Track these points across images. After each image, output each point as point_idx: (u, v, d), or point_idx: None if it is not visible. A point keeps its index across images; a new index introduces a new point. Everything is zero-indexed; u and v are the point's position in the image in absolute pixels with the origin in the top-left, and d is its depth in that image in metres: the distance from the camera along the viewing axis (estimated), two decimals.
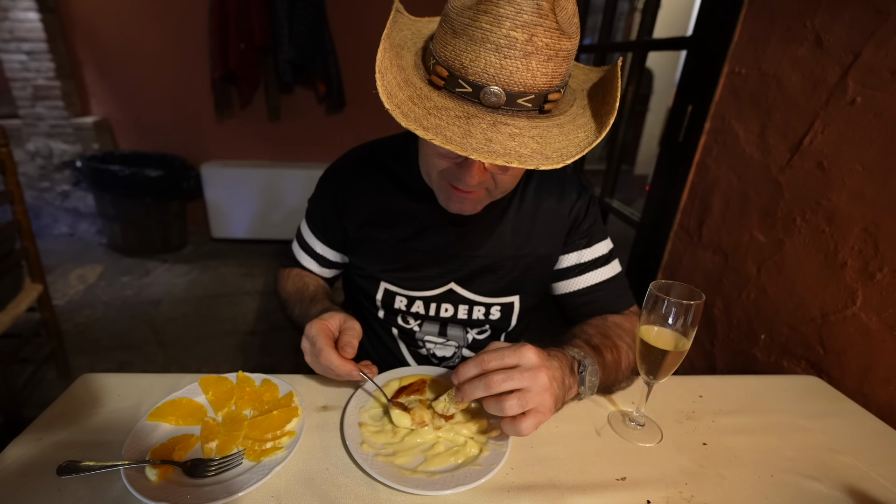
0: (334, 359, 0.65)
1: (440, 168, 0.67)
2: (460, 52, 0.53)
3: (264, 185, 3.28)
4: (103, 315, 2.50)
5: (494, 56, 0.51)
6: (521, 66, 0.51)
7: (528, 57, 0.51)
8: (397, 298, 0.87)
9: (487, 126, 0.53)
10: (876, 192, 0.88)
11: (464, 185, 0.65)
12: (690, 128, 1.38)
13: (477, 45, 0.51)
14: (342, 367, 0.65)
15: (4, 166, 1.52)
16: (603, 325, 0.80)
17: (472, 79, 0.53)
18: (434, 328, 0.90)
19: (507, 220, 0.83)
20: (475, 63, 0.52)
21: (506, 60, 0.51)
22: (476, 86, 0.53)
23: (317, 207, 0.89)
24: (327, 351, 0.65)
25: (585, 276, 0.86)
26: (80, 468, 0.55)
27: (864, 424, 0.78)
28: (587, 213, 0.86)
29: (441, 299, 0.86)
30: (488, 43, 0.50)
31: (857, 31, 0.92)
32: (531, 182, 0.84)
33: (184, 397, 0.70)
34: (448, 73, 0.54)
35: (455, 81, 0.54)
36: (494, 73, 0.52)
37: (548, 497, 0.59)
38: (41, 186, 3.30)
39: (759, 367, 1.13)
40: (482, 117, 0.53)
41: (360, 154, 0.87)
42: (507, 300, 0.88)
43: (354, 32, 3.11)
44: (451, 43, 0.53)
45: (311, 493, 0.57)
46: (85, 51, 3.12)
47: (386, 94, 0.52)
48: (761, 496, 0.61)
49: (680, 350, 0.63)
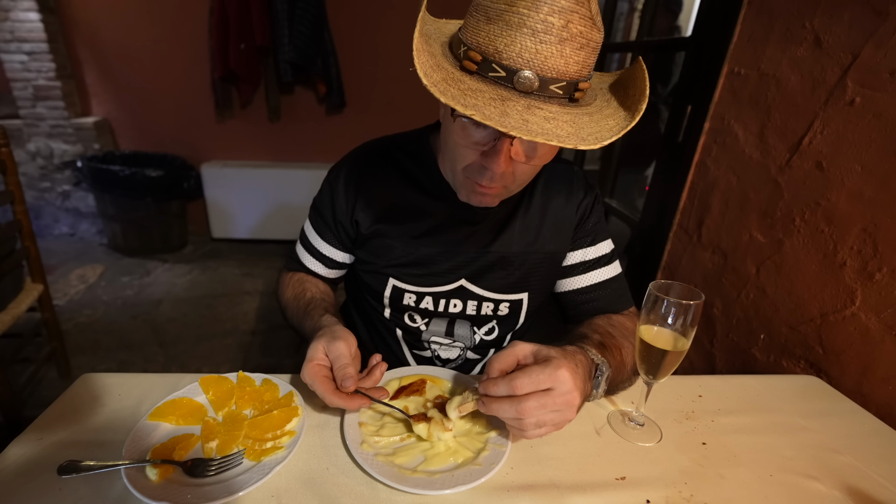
0: (338, 402, 0.63)
1: (466, 162, 0.67)
2: (495, 38, 0.53)
3: (264, 186, 3.28)
4: (104, 315, 2.51)
5: (530, 40, 0.51)
6: (556, 51, 0.52)
7: (563, 43, 0.52)
8: (406, 295, 0.87)
9: (522, 109, 0.53)
10: (875, 193, 0.88)
11: (488, 176, 0.64)
12: (690, 128, 1.38)
13: (513, 29, 0.52)
14: (350, 404, 0.64)
15: (5, 166, 1.52)
16: (609, 325, 0.80)
17: (506, 63, 0.53)
18: (441, 327, 0.90)
19: (518, 217, 0.84)
20: (510, 47, 0.52)
21: (541, 45, 0.52)
22: (510, 70, 0.53)
23: (325, 203, 0.88)
24: (329, 397, 0.63)
25: (589, 274, 0.87)
26: (81, 468, 0.55)
27: (863, 424, 0.78)
28: (592, 211, 0.87)
29: (451, 295, 0.86)
30: (525, 27, 0.51)
31: (856, 31, 0.92)
32: (540, 180, 0.84)
33: (184, 397, 0.70)
34: (482, 57, 0.54)
35: (489, 66, 0.54)
36: (529, 57, 0.52)
37: (548, 497, 0.59)
38: (42, 186, 3.30)
39: (759, 367, 1.14)
40: (516, 101, 0.53)
41: (373, 149, 0.86)
42: (516, 297, 0.88)
43: (354, 32, 3.11)
44: (484, 29, 0.54)
45: (312, 493, 0.58)
46: (85, 51, 3.13)
47: (423, 73, 0.52)
48: (761, 496, 0.61)
49: (679, 350, 0.63)
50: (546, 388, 0.56)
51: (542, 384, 0.56)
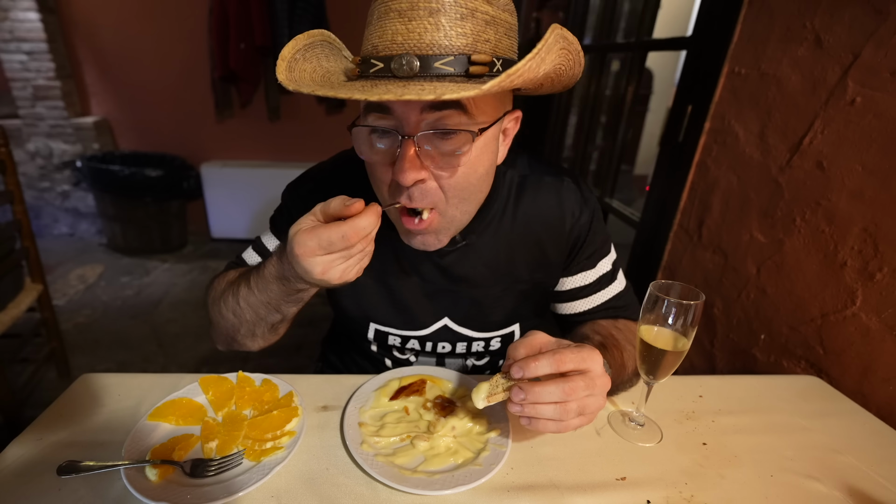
0: (357, 218, 0.51)
1: (385, 182, 0.59)
2: (370, 35, 0.52)
3: (264, 185, 3.28)
4: (103, 315, 2.50)
5: (399, 22, 0.49)
6: (430, 25, 0.48)
7: (435, 14, 0.48)
8: (390, 337, 0.82)
9: (401, 87, 0.48)
10: (876, 192, 0.88)
11: (404, 196, 0.57)
12: (690, 128, 1.38)
13: (382, 19, 0.50)
14: (370, 212, 0.52)
15: (4, 166, 1.52)
16: (613, 327, 0.78)
17: (383, 54, 0.51)
18: (431, 360, 0.86)
19: (498, 246, 0.74)
20: (383, 38, 0.50)
21: (411, 23, 0.49)
22: (387, 59, 0.50)
23: (282, 223, 0.78)
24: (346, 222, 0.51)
25: (592, 297, 0.80)
26: (80, 468, 0.55)
27: (863, 424, 0.78)
28: (590, 231, 0.77)
29: (436, 337, 0.80)
30: (391, 12, 0.49)
31: (856, 31, 0.92)
32: (523, 199, 0.74)
33: (184, 397, 0.70)
34: (360, 58, 0.53)
35: (368, 63, 0.52)
36: (402, 40, 0.49)
37: (548, 497, 0.59)
38: (41, 186, 3.30)
39: (759, 367, 1.13)
40: (398, 86, 0.49)
41: (332, 172, 0.77)
42: (506, 331, 0.83)
43: (354, 32, 3.11)
44: (365, 35, 0.53)
45: (311, 493, 0.57)
46: (85, 51, 3.13)
47: (285, 76, 0.53)
48: (761, 496, 0.61)
49: (680, 350, 0.63)
50: (585, 369, 0.52)
51: (584, 362, 0.52)
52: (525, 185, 0.75)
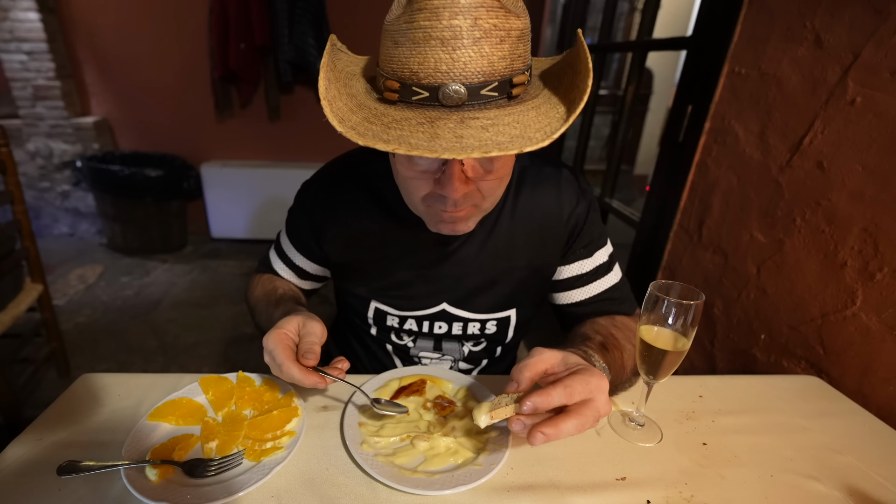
0: (295, 372, 0.61)
1: (422, 193, 0.62)
2: (407, 59, 0.49)
3: (264, 185, 3.28)
4: (103, 315, 2.50)
5: (442, 51, 0.47)
6: (475, 53, 0.48)
7: (479, 43, 0.47)
8: (388, 317, 0.85)
9: (455, 124, 0.48)
10: (876, 192, 0.88)
11: (450, 203, 0.60)
12: (690, 128, 1.38)
13: (420, 45, 0.48)
14: (305, 378, 0.61)
15: (4, 166, 1.52)
16: (612, 326, 0.78)
17: (426, 82, 0.49)
18: (428, 343, 0.88)
19: (498, 233, 0.78)
20: (424, 65, 0.48)
21: (455, 52, 0.47)
22: (432, 88, 0.49)
23: (296, 222, 0.85)
24: (287, 365, 0.61)
25: (589, 286, 0.82)
26: (80, 468, 0.55)
27: (863, 424, 0.78)
28: (587, 220, 0.80)
29: (434, 318, 0.84)
30: (432, 39, 0.47)
31: (856, 31, 0.92)
32: (523, 189, 0.78)
33: (184, 397, 0.70)
34: (399, 84, 0.50)
35: (409, 90, 0.50)
36: (447, 69, 0.48)
37: (548, 497, 0.59)
38: (41, 186, 3.30)
39: (759, 367, 1.13)
40: (448, 118, 0.49)
41: (343, 169, 0.81)
42: (502, 315, 0.85)
43: (354, 32, 3.11)
44: (394, 54, 0.50)
45: (311, 493, 0.57)
46: (85, 51, 3.12)
47: (337, 120, 0.49)
48: (761, 496, 0.61)
49: (680, 350, 0.63)
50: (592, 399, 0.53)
51: (591, 394, 0.53)
52: (525, 175, 0.78)
